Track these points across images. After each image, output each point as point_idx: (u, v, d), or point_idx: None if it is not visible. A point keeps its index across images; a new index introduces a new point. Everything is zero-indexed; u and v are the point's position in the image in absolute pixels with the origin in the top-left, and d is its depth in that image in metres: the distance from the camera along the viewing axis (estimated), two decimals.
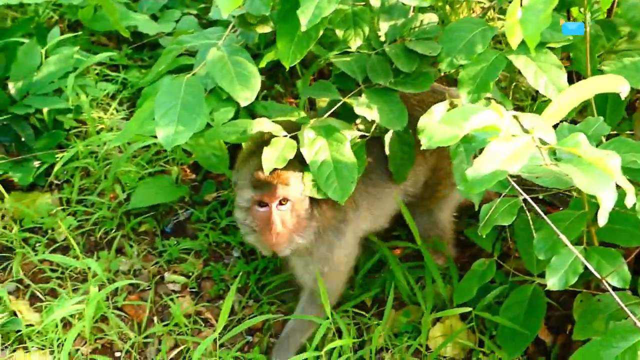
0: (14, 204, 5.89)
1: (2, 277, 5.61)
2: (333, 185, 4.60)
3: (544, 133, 2.99)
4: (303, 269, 5.03)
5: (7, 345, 5.24)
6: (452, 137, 3.01)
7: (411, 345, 5.26)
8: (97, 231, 5.91)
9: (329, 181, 4.61)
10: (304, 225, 4.74)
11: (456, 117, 3.01)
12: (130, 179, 6.02)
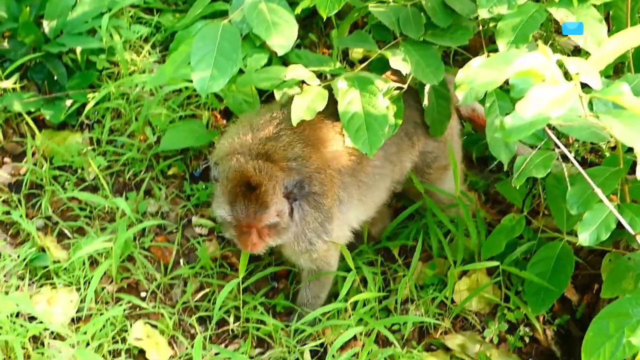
0: (45, 142, 5.88)
1: (32, 214, 5.62)
2: (362, 137, 4.56)
3: (589, 78, 2.93)
4: (291, 254, 5.02)
5: (34, 281, 5.26)
6: (493, 81, 2.97)
7: (436, 298, 5.25)
8: (126, 172, 5.90)
9: (359, 133, 4.57)
10: (283, 233, 4.69)
11: (499, 61, 2.97)
12: (161, 122, 5.99)
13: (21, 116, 6.00)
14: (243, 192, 4.46)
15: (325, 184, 4.68)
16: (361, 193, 4.93)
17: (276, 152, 4.58)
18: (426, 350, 5.16)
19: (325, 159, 4.70)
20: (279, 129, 4.68)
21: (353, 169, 4.79)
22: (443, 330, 5.24)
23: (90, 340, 4.92)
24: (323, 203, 4.69)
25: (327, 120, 4.78)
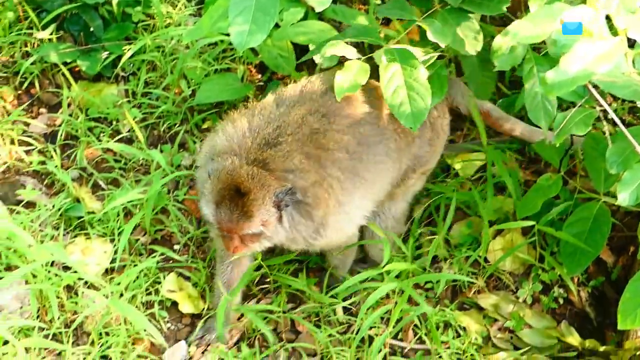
0: (80, 93, 5.87)
1: (67, 164, 5.63)
2: (406, 112, 4.51)
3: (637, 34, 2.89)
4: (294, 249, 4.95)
5: (68, 231, 5.28)
6: (539, 34, 2.93)
7: (470, 257, 5.23)
8: (161, 125, 5.89)
9: (401, 108, 4.52)
10: (268, 240, 4.53)
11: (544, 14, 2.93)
12: (196, 75, 5.97)
13: (57, 67, 5.98)
14: (231, 196, 4.30)
15: (319, 197, 4.48)
16: (366, 189, 4.77)
17: (274, 161, 4.38)
18: (459, 309, 5.16)
19: (324, 169, 4.51)
20: (277, 133, 4.46)
21: (356, 168, 4.64)
22: (476, 290, 5.23)
23: (124, 291, 4.93)
24: (315, 214, 4.50)
25: (332, 121, 4.60)
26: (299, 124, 4.49)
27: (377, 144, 4.68)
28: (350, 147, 4.57)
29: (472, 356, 4.92)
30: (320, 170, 4.47)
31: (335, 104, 4.56)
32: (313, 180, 4.42)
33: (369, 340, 4.92)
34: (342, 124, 4.57)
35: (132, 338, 4.85)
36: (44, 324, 4.81)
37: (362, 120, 4.64)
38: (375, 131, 4.68)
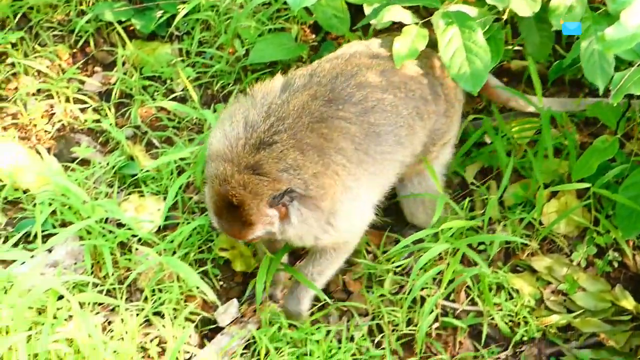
0: (135, 52, 5.89)
1: (121, 122, 5.65)
2: (465, 75, 4.50)
3: None
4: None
5: (122, 189, 5.30)
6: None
7: (524, 219, 5.18)
8: (215, 84, 5.89)
9: (461, 71, 4.50)
10: (276, 233, 4.37)
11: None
12: (250, 35, 5.95)
13: (112, 25, 6.00)
14: (227, 208, 4.20)
15: (324, 187, 4.30)
16: (371, 179, 4.59)
17: (268, 164, 4.19)
18: (512, 272, 5.12)
19: (328, 157, 4.32)
20: (273, 131, 4.25)
21: (360, 160, 4.46)
22: (530, 252, 5.19)
23: (177, 249, 4.96)
24: (322, 205, 4.34)
25: (340, 108, 4.41)
26: (299, 113, 4.30)
27: (387, 134, 4.52)
28: (357, 137, 4.40)
29: (524, 319, 4.90)
30: (321, 161, 4.28)
31: (346, 89, 4.42)
32: (313, 172, 4.24)
33: (420, 301, 4.91)
34: (350, 112, 4.39)
35: (184, 295, 4.88)
36: (97, 279, 4.83)
37: (374, 108, 4.46)
38: (387, 120, 4.51)
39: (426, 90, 4.69)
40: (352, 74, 4.47)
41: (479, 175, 5.50)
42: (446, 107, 4.84)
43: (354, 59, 4.59)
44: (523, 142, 5.42)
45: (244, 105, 4.42)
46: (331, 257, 4.72)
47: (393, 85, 4.55)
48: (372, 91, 4.46)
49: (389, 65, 4.57)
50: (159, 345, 4.69)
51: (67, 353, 4.35)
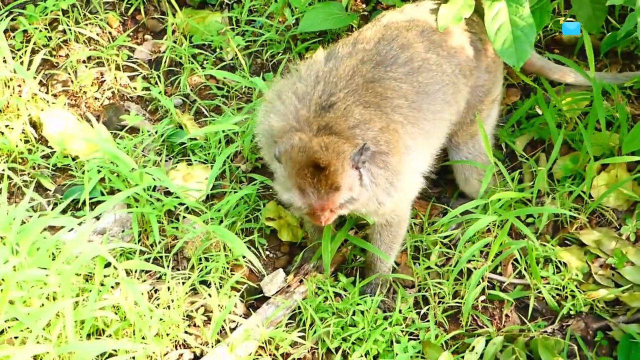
0: (184, 20, 5.89)
1: (170, 91, 5.66)
2: (510, 50, 4.51)
3: None
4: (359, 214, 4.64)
5: (170, 157, 5.31)
6: None
7: (573, 192, 5.12)
8: (264, 53, 5.88)
9: (505, 46, 4.51)
10: (356, 202, 4.31)
11: None
12: (300, 4, 5.92)
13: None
14: (312, 173, 4.11)
15: (391, 142, 4.31)
16: (425, 139, 4.59)
17: (337, 123, 4.19)
18: (560, 245, 5.07)
19: (386, 115, 4.35)
20: (328, 93, 4.27)
21: (415, 117, 4.46)
22: (578, 225, 5.12)
23: (224, 218, 4.97)
24: (390, 161, 4.32)
25: (389, 69, 4.41)
26: (350, 75, 4.32)
27: (435, 92, 4.52)
28: (409, 95, 4.41)
29: (572, 292, 4.84)
30: (383, 116, 4.31)
31: (391, 52, 4.42)
32: (379, 127, 4.27)
33: (467, 273, 4.89)
34: (399, 72, 4.41)
35: (231, 264, 4.90)
36: (144, 247, 4.87)
37: (420, 68, 4.47)
38: (434, 79, 4.52)
39: (466, 47, 4.68)
40: (393, 37, 4.48)
41: (528, 148, 5.42)
42: (487, 62, 4.82)
43: (392, 23, 4.59)
44: (574, 115, 5.35)
45: (290, 81, 4.42)
46: (394, 230, 4.72)
47: (434, 44, 4.56)
48: (415, 52, 4.47)
49: (427, 25, 4.57)
50: (205, 314, 4.70)
51: (114, 320, 4.39)
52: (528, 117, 5.39)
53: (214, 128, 5.17)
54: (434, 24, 4.58)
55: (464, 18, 4.58)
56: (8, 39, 5.59)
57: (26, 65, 5.39)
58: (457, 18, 4.51)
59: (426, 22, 4.60)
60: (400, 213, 4.66)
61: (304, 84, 4.34)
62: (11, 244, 4.17)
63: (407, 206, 4.73)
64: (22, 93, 5.32)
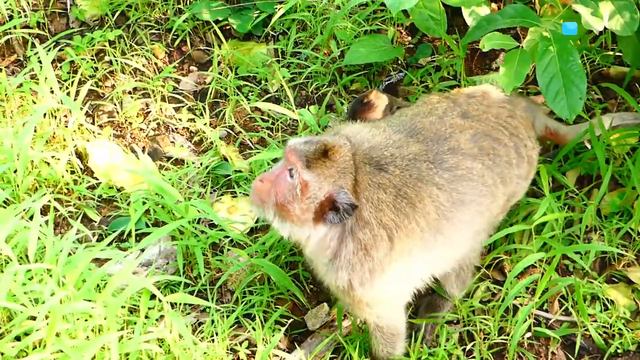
0: (230, 51, 5.91)
1: (215, 122, 5.67)
2: (561, 102, 4.54)
3: None
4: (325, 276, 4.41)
5: (215, 189, 5.32)
6: None
7: (621, 229, 5.08)
8: (309, 85, 5.88)
9: (557, 98, 4.55)
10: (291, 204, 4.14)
11: None
12: (346, 36, 5.94)
13: (208, 25, 6.04)
14: (321, 148, 4.05)
15: (382, 239, 4.12)
16: (444, 247, 4.41)
17: (369, 177, 4.13)
18: (607, 282, 5.01)
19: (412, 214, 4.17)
20: (390, 160, 4.20)
21: (438, 224, 4.29)
22: (626, 263, 5.07)
23: (268, 251, 4.97)
24: (372, 255, 4.13)
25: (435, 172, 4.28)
26: (411, 160, 4.25)
27: (470, 203, 4.38)
28: (443, 206, 4.26)
29: (619, 330, 4.79)
30: (406, 213, 4.16)
31: (443, 155, 4.32)
32: (383, 222, 4.13)
33: (513, 310, 4.84)
34: (443, 178, 4.28)
35: (274, 298, 4.88)
36: (189, 280, 4.88)
37: (463, 176, 4.35)
38: (474, 189, 4.38)
39: (512, 154, 4.57)
40: (446, 136, 4.39)
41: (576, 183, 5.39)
42: (528, 169, 4.72)
43: (447, 118, 4.49)
44: (622, 151, 5.31)
45: (370, 126, 4.42)
46: (388, 339, 4.54)
47: (482, 151, 4.44)
48: (463, 159, 4.36)
49: (480, 128, 4.49)
50: (249, 347, 4.69)
51: (158, 353, 4.39)
52: (576, 153, 5.34)
53: (259, 159, 5.19)
54: (486, 125, 4.53)
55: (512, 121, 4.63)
56: (55, 70, 5.63)
57: (73, 95, 5.43)
58: (519, 76, 4.60)
59: (479, 122, 4.53)
60: (388, 322, 4.48)
61: (384, 136, 4.33)
62: (58, 276, 4.18)
63: (393, 315, 4.51)
64: (68, 124, 5.36)
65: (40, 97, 5.28)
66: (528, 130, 4.71)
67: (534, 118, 4.91)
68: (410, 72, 5.88)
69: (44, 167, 5.15)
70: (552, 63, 4.57)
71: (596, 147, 5.09)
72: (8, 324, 4.18)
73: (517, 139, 4.61)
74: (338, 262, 4.16)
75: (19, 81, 5.42)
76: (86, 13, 6.07)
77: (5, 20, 5.80)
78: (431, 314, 4.83)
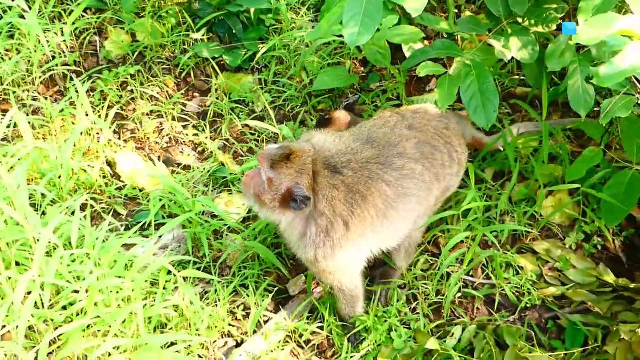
0: (225, 81, 5.84)
1: (214, 136, 5.60)
2: (480, 114, 4.58)
3: None
4: (306, 264, 4.38)
5: (215, 188, 5.26)
6: (596, 37, 2.76)
7: (527, 212, 5.07)
8: (287, 106, 5.81)
9: (477, 111, 4.59)
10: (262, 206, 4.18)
11: (601, 22, 2.75)
12: (314, 68, 5.88)
13: (207, 61, 5.96)
14: (285, 152, 4.01)
15: (337, 223, 4.10)
16: (390, 229, 4.36)
17: (324, 178, 4.07)
18: (518, 253, 4.99)
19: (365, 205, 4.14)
20: (345, 164, 4.16)
21: (389, 214, 4.26)
22: (532, 238, 5.06)
23: (258, 235, 4.91)
24: (332, 236, 4.10)
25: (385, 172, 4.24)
26: (364, 164, 4.19)
27: (412, 196, 4.34)
28: (390, 198, 4.21)
29: (528, 290, 4.78)
30: (361, 205, 4.12)
31: (391, 159, 4.27)
32: (337, 212, 4.08)
33: (447, 276, 4.83)
34: (392, 176, 4.24)
35: (263, 271, 4.84)
36: (197, 259, 4.83)
37: (407, 175, 4.29)
38: (415, 185, 4.33)
39: (445, 158, 4.52)
40: (395, 143, 4.34)
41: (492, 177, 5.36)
42: (458, 169, 4.68)
43: (397, 129, 4.44)
44: (527, 152, 5.29)
45: (337, 136, 4.36)
46: (348, 298, 4.48)
47: (423, 156, 4.39)
48: (408, 161, 4.31)
49: (422, 138, 4.44)
50: (244, 310, 4.64)
51: (174, 317, 4.36)
52: (492, 154, 5.31)
53: (249, 165, 5.15)
54: (426, 135, 4.49)
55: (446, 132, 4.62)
56: (89, 98, 5.55)
57: (103, 117, 5.36)
58: (450, 96, 4.62)
59: (421, 132, 4.48)
60: (345, 283, 4.40)
61: (343, 145, 4.28)
62: (95, 259, 4.15)
63: (352, 280, 4.43)
64: (100, 139, 5.28)
65: (78, 119, 5.21)
66: (459, 139, 4.68)
67: (464, 130, 4.88)
68: (364, 95, 5.83)
69: (82, 174, 5.07)
70: (472, 84, 4.57)
71: (508, 149, 5.07)
72: (57, 297, 4.14)
73: (450, 146, 4.57)
74: (305, 241, 4.15)
75: (61, 107, 5.34)
76: (112, 53, 5.97)
77: (49, 59, 5.70)
78: (384, 281, 4.79)
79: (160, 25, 6.02)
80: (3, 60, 5.61)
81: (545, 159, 5.13)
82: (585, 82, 4.51)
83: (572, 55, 4.56)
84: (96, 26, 6.08)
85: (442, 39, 5.10)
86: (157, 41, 5.98)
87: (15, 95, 5.51)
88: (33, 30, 5.51)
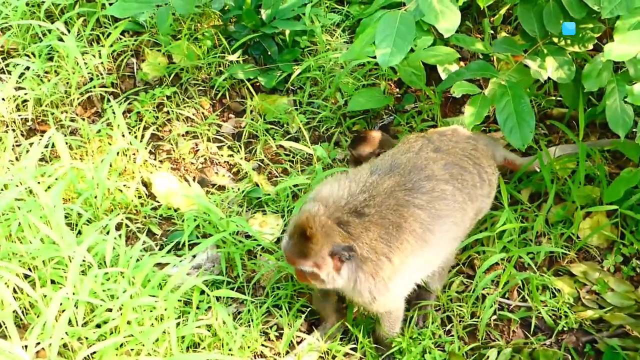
0: (259, 102, 5.88)
1: (249, 157, 5.62)
2: (515, 135, 4.58)
3: None
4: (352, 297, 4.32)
5: (250, 208, 5.28)
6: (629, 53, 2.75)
7: (564, 233, 5.03)
8: (321, 127, 5.83)
9: (512, 132, 4.59)
10: (323, 283, 4.10)
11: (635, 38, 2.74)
12: (348, 89, 5.90)
13: (243, 82, 6.00)
14: (298, 234, 3.96)
15: (382, 260, 4.07)
16: (430, 253, 4.32)
17: (354, 228, 4.00)
18: (555, 275, 4.95)
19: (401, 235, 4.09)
20: (366, 203, 4.09)
21: (427, 237, 4.22)
22: (569, 260, 5.01)
23: None
24: (380, 275, 4.08)
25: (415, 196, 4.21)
26: (388, 194, 4.14)
27: (446, 217, 4.31)
28: (425, 222, 4.17)
29: (565, 313, 4.73)
30: (398, 236, 4.08)
31: (419, 182, 4.24)
32: (382, 246, 4.04)
33: (482, 298, 4.79)
34: (422, 200, 4.20)
35: (296, 292, 4.83)
36: (230, 279, 4.84)
37: (439, 197, 4.26)
38: (448, 206, 4.30)
39: (476, 178, 4.49)
40: (422, 167, 4.31)
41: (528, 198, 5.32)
42: (489, 190, 4.65)
43: (422, 152, 4.42)
44: (564, 173, 5.25)
45: (347, 178, 4.26)
46: (392, 318, 4.47)
47: (453, 177, 4.36)
48: (437, 183, 4.29)
49: (449, 159, 4.42)
50: (277, 331, 4.64)
51: (207, 336, 4.37)
52: (527, 175, 5.27)
53: (284, 185, 5.17)
54: (454, 156, 4.47)
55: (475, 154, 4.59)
56: (125, 119, 5.60)
57: (139, 138, 5.40)
58: (479, 116, 4.66)
59: (448, 154, 4.45)
60: (393, 308, 4.41)
61: (355, 184, 4.20)
62: (128, 277, 4.18)
63: (399, 303, 4.44)
64: (136, 160, 5.32)
65: (114, 140, 5.25)
66: (488, 159, 4.64)
67: (495, 151, 4.84)
68: (399, 116, 5.83)
69: (118, 194, 5.12)
70: (508, 105, 4.56)
71: (544, 170, 5.03)
72: (90, 315, 4.16)
73: (479, 167, 4.53)
74: (359, 288, 4.10)
75: (98, 128, 5.40)
76: (149, 75, 6.04)
77: (87, 81, 5.78)
78: (420, 305, 4.75)
79: (196, 47, 6.09)
80: (42, 82, 5.70)
81: (582, 180, 5.08)
82: (623, 102, 4.48)
83: (610, 75, 4.53)
84: (133, 48, 6.17)
85: (478, 60, 5.09)
86: (193, 63, 6.04)
87: (54, 116, 5.59)
88: (71, 53, 5.59)
